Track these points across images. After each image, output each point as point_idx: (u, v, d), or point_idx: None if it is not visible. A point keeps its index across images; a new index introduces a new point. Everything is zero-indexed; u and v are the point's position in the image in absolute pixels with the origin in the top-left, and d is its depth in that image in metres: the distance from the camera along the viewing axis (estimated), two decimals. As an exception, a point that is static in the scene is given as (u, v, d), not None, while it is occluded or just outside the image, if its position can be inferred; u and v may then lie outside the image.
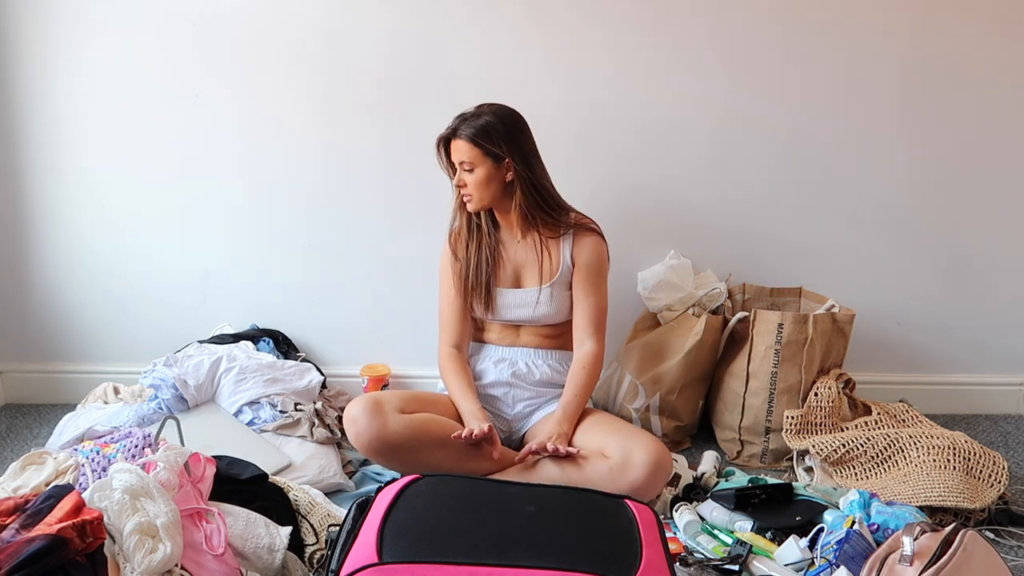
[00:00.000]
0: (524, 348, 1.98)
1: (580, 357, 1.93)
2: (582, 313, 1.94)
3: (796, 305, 2.26)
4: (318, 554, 1.51)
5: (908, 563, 1.31)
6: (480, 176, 1.85)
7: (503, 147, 1.84)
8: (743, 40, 2.19)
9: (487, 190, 1.87)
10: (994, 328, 2.40)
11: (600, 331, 1.94)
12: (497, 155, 1.84)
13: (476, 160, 1.84)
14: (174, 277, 2.34)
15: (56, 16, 2.15)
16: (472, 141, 1.84)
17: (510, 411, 1.95)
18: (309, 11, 2.17)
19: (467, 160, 1.85)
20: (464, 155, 1.85)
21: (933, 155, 2.27)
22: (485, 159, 1.84)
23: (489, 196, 1.88)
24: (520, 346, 1.98)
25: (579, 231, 1.94)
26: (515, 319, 1.96)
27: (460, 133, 1.85)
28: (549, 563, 1.09)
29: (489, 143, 1.84)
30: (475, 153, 1.84)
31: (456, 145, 1.86)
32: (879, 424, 2.02)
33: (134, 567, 1.19)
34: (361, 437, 1.74)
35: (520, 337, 1.99)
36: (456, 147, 1.86)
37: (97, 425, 1.91)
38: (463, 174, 1.87)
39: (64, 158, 2.25)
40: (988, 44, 2.19)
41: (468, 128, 1.85)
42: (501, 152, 1.84)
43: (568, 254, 1.94)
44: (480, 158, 1.84)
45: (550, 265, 1.93)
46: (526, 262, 1.96)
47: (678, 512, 1.72)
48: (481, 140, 1.84)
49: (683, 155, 2.27)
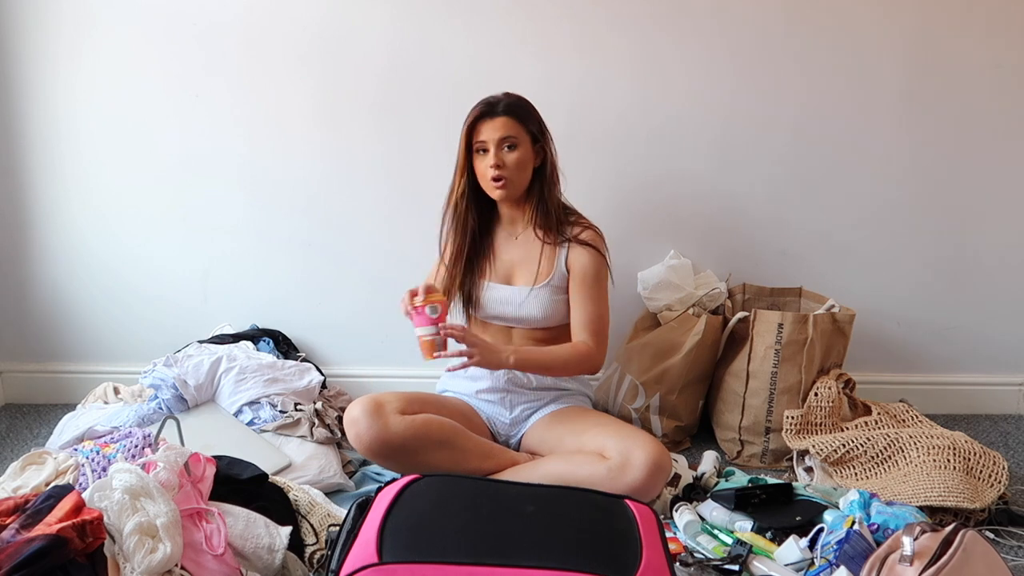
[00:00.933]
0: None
1: (574, 343, 1.86)
2: (578, 318, 1.87)
3: (796, 305, 2.26)
4: (318, 554, 1.51)
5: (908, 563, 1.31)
6: (521, 155, 1.81)
7: (540, 127, 1.84)
8: (745, 41, 2.19)
9: (524, 173, 1.84)
10: (994, 328, 2.40)
11: (597, 335, 1.86)
12: (535, 135, 1.83)
13: (520, 137, 1.81)
14: (174, 277, 2.34)
15: (56, 16, 2.15)
16: (517, 116, 1.81)
17: (507, 415, 1.94)
18: (309, 12, 2.17)
19: (512, 135, 1.80)
20: (509, 130, 1.80)
21: (934, 155, 2.27)
22: (527, 137, 1.82)
23: (524, 181, 1.85)
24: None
25: (578, 243, 1.88)
26: (499, 315, 1.92)
27: (502, 109, 1.81)
28: (549, 563, 1.09)
29: (530, 121, 1.83)
30: (519, 129, 1.81)
31: (497, 122, 1.80)
32: (879, 424, 2.02)
33: (134, 567, 1.19)
34: (362, 438, 1.73)
35: (513, 341, 1.95)
36: (497, 124, 1.80)
37: (97, 425, 1.91)
38: (503, 154, 1.81)
39: (64, 158, 2.25)
40: (990, 44, 2.20)
41: (510, 104, 1.82)
42: (538, 132, 1.83)
43: (563, 261, 1.89)
44: (523, 135, 1.81)
45: (546, 267, 1.89)
46: (520, 260, 1.92)
47: (678, 512, 1.72)
48: (524, 116, 1.82)
49: (683, 155, 2.27)
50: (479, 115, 1.82)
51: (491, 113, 1.81)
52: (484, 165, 1.83)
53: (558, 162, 1.89)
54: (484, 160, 1.83)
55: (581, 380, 2.02)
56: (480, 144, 1.83)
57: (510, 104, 1.82)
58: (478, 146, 1.83)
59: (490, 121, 1.80)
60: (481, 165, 1.84)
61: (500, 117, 1.80)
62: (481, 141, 1.82)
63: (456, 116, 1.87)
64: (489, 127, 1.81)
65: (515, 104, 1.83)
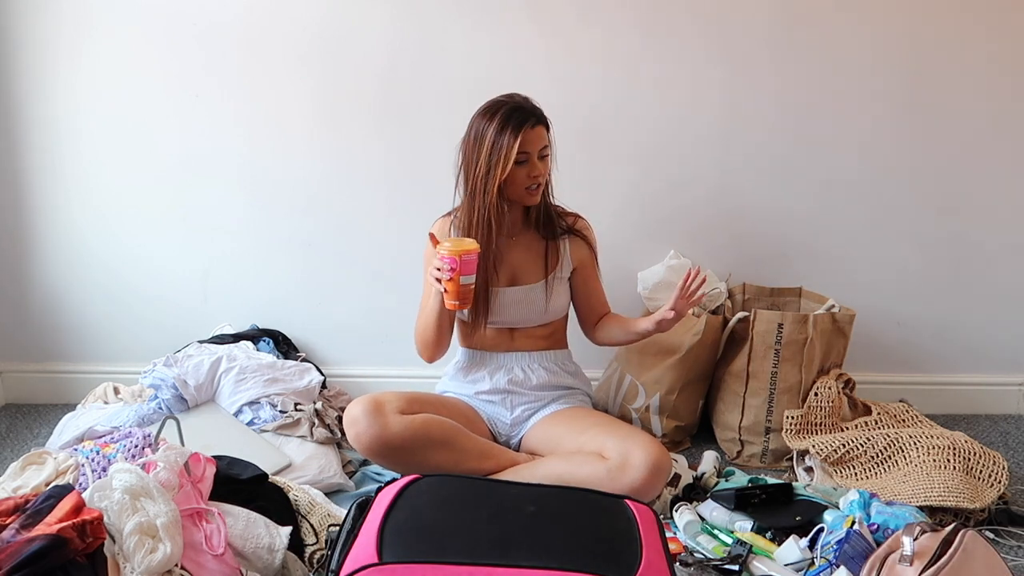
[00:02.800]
0: (520, 353, 1.95)
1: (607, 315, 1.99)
2: (598, 299, 1.99)
3: (796, 305, 2.26)
4: (318, 554, 1.51)
5: (908, 563, 1.31)
6: (549, 163, 1.85)
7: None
8: (746, 42, 2.19)
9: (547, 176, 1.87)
10: (994, 328, 2.39)
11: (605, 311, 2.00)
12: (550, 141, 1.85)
13: (550, 145, 1.83)
14: (174, 277, 2.34)
15: (56, 17, 2.15)
16: (547, 125, 1.83)
17: (508, 416, 1.94)
18: (309, 12, 2.17)
19: (548, 144, 1.82)
20: (544, 139, 1.81)
21: (934, 155, 2.27)
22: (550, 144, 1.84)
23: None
24: (516, 351, 1.95)
25: (575, 233, 1.96)
26: (514, 319, 1.92)
27: (539, 117, 1.81)
28: (549, 563, 1.09)
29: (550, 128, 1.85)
30: (547, 138, 1.83)
31: (540, 131, 1.80)
32: (879, 424, 2.02)
33: (134, 567, 1.19)
34: (361, 438, 1.73)
35: (515, 341, 1.95)
36: (540, 134, 1.80)
37: (97, 425, 1.91)
38: (540, 163, 1.81)
39: (64, 158, 2.25)
40: (990, 44, 2.19)
41: (541, 112, 1.81)
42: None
43: (568, 253, 1.95)
44: (549, 143, 1.84)
45: (554, 260, 1.93)
46: (521, 261, 1.92)
47: (678, 512, 1.72)
48: (548, 124, 1.83)
49: (683, 155, 2.27)
50: (525, 123, 1.77)
51: (533, 122, 1.78)
52: (523, 174, 1.80)
53: None
54: (522, 169, 1.80)
55: (581, 379, 2.02)
56: (524, 155, 1.78)
57: (541, 112, 1.82)
58: (521, 157, 1.78)
59: (532, 131, 1.78)
60: (519, 173, 1.80)
61: (539, 126, 1.80)
62: (525, 152, 1.78)
63: (456, 115, 1.87)
64: (533, 136, 1.78)
65: (542, 112, 1.83)
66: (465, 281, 1.70)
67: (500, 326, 1.94)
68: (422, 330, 1.89)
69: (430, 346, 1.89)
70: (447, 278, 1.69)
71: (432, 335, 1.87)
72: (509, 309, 1.91)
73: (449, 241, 1.72)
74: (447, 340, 1.91)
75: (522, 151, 1.76)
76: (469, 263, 1.69)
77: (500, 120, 1.76)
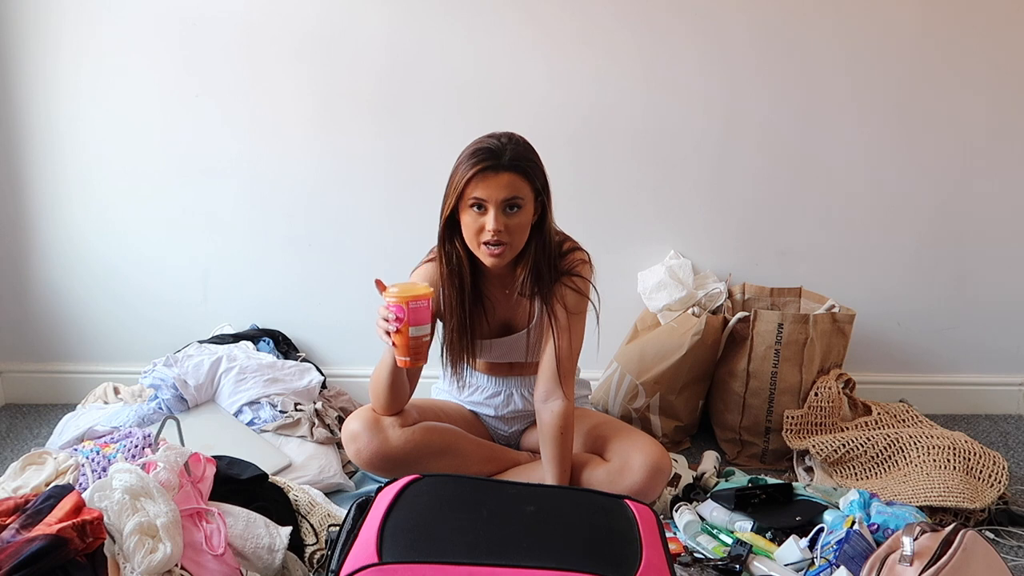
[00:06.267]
0: (518, 377, 1.83)
1: (551, 421, 1.61)
2: (550, 355, 1.62)
3: (796, 305, 2.26)
4: (318, 554, 1.51)
5: (908, 563, 1.31)
6: (524, 218, 1.52)
7: (544, 179, 1.55)
8: (747, 42, 2.19)
9: (523, 236, 1.55)
10: (994, 328, 2.40)
11: (569, 379, 1.64)
12: (537, 191, 1.54)
13: (525, 196, 1.51)
14: (174, 277, 2.34)
15: (56, 16, 2.15)
16: (523, 172, 1.49)
17: (507, 429, 1.91)
18: (309, 11, 2.17)
19: (519, 196, 1.50)
20: (516, 190, 1.49)
21: (934, 156, 2.27)
22: (531, 195, 1.53)
23: (521, 244, 1.56)
24: (514, 376, 1.83)
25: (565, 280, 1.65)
26: (509, 358, 1.79)
27: (508, 161, 1.48)
28: (549, 563, 1.09)
29: (536, 175, 1.53)
30: (525, 187, 1.51)
31: (502, 179, 1.48)
32: (879, 424, 2.02)
33: (134, 567, 1.19)
34: (362, 454, 1.67)
35: (512, 368, 1.82)
36: (502, 182, 1.48)
37: (97, 425, 1.91)
38: (505, 217, 1.50)
39: (64, 158, 2.25)
40: (992, 46, 2.19)
41: (516, 155, 1.49)
42: (542, 187, 1.55)
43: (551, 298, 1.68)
44: (528, 193, 1.52)
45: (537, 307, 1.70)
46: (515, 312, 1.74)
47: (678, 512, 1.72)
48: (531, 170, 1.51)
49: (683, 155, 2.27)
50: (480, 168, 1.48)
51: (495, 166, 1.48)
52: (476, 224, 1.52)
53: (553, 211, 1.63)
54: (477, 218, 1.52)
55: (581, 381, 2.01)
56: (476, 201, 1.50)
57: (516, 155, 1.50)
58: (473, 202, 1.51)
59: (493, 177, 1.48)
60: (473, 222, 1.52)
61: (505, 173, 1.48)
62: (478, 199, 1.50)
63: (455, 114, 1.86)
64: (492, 184, 1.48)
65: (521, 156, 1.51)
66: (416, 333, 1.45)
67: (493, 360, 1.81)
68: (373, 384, 1.66)
69: (382, 403, 1.65)
70: (394, 329, 1.44)
71: (384, 393, 1.62)
72: (497, 355, 1.79)
73: (396, 286, 1.46)
74: (405, 396, 1.68)
75: (476, 196, 1.50)
76: (420, 311, 1.44)
77: (466, 155, 1.53)
